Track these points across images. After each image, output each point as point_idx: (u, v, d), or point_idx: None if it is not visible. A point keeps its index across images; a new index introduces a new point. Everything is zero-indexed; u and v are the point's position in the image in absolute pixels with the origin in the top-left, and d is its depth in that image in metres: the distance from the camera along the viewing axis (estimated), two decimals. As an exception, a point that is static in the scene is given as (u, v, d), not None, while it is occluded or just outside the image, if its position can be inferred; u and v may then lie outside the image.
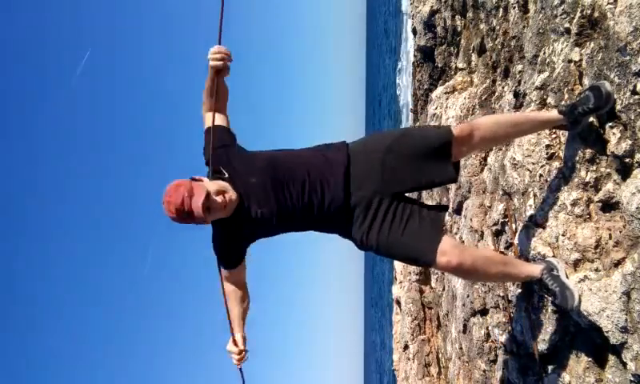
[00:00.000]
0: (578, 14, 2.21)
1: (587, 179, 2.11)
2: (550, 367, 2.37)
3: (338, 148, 2.07)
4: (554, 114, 2.17)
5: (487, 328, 3.15)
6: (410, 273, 5.21)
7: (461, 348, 3.70)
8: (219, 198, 1.87)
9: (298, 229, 2.10)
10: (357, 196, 1.99)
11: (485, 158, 3.48)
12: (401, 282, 5.36)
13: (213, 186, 1.89)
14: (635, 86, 1.81)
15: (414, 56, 5.85)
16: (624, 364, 1.85)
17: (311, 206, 1.99)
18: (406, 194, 2.11)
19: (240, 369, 2.11)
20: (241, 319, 2.16)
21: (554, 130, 2.42)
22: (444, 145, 2.01)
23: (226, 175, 1.97)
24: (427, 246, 1.96)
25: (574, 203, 2.15)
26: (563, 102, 2.25)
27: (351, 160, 2.02)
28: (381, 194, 2.00)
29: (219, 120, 2.08)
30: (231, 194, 1.91)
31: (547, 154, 2.42)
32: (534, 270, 2.12)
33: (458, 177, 2.15)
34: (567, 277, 2.08)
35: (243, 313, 2.17)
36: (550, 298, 2.16)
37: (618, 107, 1.90)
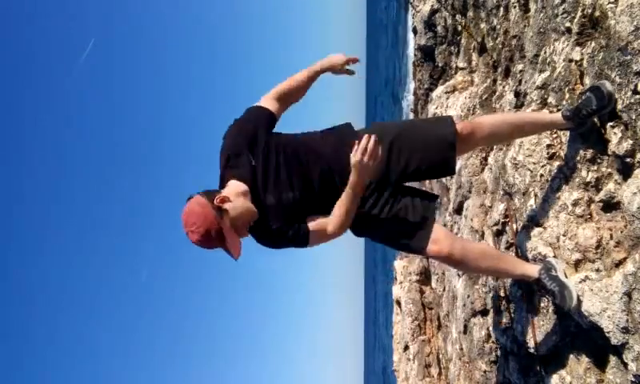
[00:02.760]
0: (579, 14, 2.20)
1: (588, 179, 2.11)
2: (550, 368, 2.37)
3: (347, 136, 2.05)
4: (557, 117, 2.17)
5: (488, 328, 3.15)
6: (410, 273, 5.20)
7: (461, 348, 3.69)
8: (246, 229, 1.85)
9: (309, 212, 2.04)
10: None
11: (485, 158, 3.47)
12: (401, 283, 5.35)
13: (237, 212, 1.80)
14: (636, 86, 1.80)
15: (415, 55, 5.85)
16: (625, 364, 1.85)
17: (315, 192, 1.99)
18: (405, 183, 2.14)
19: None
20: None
21: (555, 130, 2.41)
22: (447, 138, 2.04)
23: (252, 162, 1.92)
24: (418, 234, 2.02)
25: (575, 203, 2.14)
26: (565, 104, 2.24)
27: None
28: (382, 183, 2.05)
29: (270, 104, 2.06)
30: (254, 215, 1.86)
31: (548, 153, 2.41)
32: (532, 269, 2.12)
33: (455, 169, 2.17)
34: (566, 277, 2.07)
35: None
36: (550, 298, 2.15)
37: (619, 107, 1.90)
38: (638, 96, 1.80)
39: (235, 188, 1.87)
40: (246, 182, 1.90)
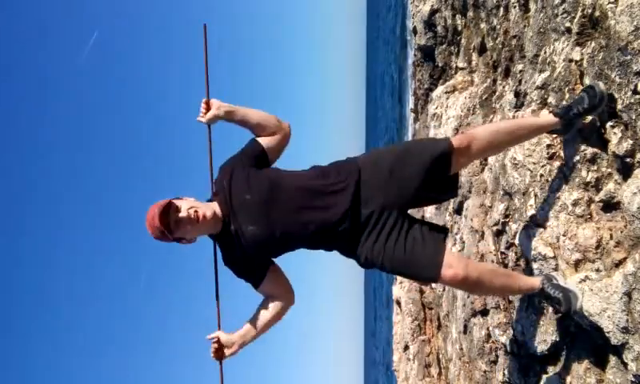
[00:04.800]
0: (579, 14, 2.20)
1: (588, 179, 2.11)
2: (550, 368, 2.37)
3: (349, 171, 2.06)
4: (549, 118, 2.18)
5: (488, 328, 3.15)
6: (410, 273, 5.19)
7: (461, 348, 3.69)
8: (185, 213, 1.91)
9: (299, 247, 2.10)
10: (364, 215, 2.01)
11: (485, 158, 3.47)
12: (401, 283, 5.35)
13: (187, 203, 1.95)
14: (636, 86, 1.80)
15: (415, 55, 5.84)
16: (625, 364, 1.85)
17: (309, 227, 2.00)
18: (409, 211, 2.12)
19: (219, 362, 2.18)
20: (243, 330, 2.19)
21: (554, 130, 2.41)
22: (443, 162, 2.03)
23: (224, 185, 2.02)
24: (430, 262, 1.96)
25: (575, 203, 2.14)
26: (560, 104, 2.25)
27: (360, 179, 2.03)
28: (386, 213, 2.01)
29: (259, 138, 2.16)
30: (204, 211, 1.94)
31: (548, 153, 2.41)
32: (535, 281, 2.12)
33: (458, 191, 2.15)
34: (566, 282, 2.08)
35: (250, 326, 2.19)
36: (555, 308, 2.14)
37: (619, 107, 1.89)
38: (637, 96, 1.80)
39: (204, 202, 2.04)
40: (220, 205, 2.02)
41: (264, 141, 2.12)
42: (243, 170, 2.04)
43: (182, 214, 1.91)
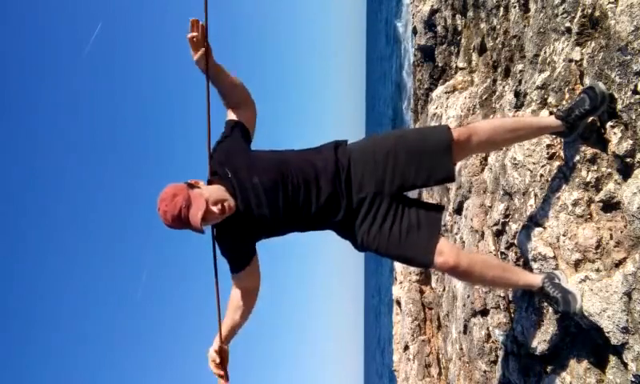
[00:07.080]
0: (579, 14, 2.20)
1: (588, 179, 2.11)
2: (550, 368, 2.37)
3: (343, 151, 2.06)
4: (551, 119, 2.17)
5: (488, 328, 3.15)
6: (410, 273, 5.20)
7: (461, 348, 3.69)
8: (216, 208, 1.83)
9: (299, 229, 2.08)
10: (358, 197, 2.01)
11: (485, 158, 3.47)
12: (401, 283, 5.35)
13: (211, 193, 1.86)
14: (636, 86, 1.80)
15: (414, 55, 5.85)
16: (625, 364, 1.85)
17: (310, 208, 1.98)
18: (406, 194, 2.11)
19: (220, 376, 2.07)
20: (228, 328, 2.13)
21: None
22: (443, 145, 2.02)
23: (229, 174, 1.94)
24: (424, 247, 1.99)
25: (575, 203, 2.14)
26: (561, 106, 2.25)
27: (352, 162, 2.03)
28: (381, 195, 2.02)
29: (234, 114, 2.07)
30: (229, 202, 1.88)
31: (548, 153, 2.41)
32: (535, 278, 2.11)
33: (455, 175, 2.15)
34: (567, 283, 2.08)
35: (232, 323, 2.13)
36: (553, 307, 2.15)
37: (619, 107, 1.90)
38: (637, 96, 1.80)
39: (213, 186, 1.93)
40: (227, 189, 1.93)
41: (238, 116, 2.06)
42: (241, 152, 2.00)
43: (215, 210, 1.83)
